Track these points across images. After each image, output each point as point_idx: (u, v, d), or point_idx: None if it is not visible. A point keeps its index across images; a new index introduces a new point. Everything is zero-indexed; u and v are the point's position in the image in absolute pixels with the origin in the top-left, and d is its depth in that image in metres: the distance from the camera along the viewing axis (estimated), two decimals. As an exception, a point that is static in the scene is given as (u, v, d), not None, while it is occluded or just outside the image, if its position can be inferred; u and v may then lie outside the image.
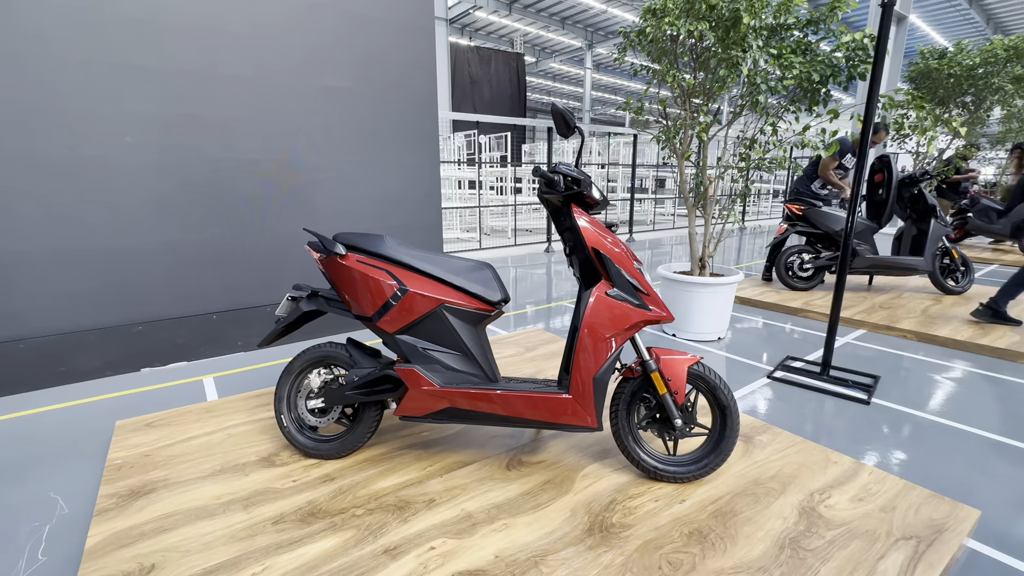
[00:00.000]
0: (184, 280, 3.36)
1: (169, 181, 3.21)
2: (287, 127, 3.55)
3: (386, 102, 3.91)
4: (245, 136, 3.41)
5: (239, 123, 3.38)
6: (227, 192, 3.41)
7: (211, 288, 3.45)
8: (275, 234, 3.62)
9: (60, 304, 3.01)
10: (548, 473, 2.02)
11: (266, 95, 3.44)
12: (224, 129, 3.33)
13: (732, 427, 1.91)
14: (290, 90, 3.51)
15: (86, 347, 3.09)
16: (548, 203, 2.00)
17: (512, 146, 10.24)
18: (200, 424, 2.43)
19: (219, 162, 3.35)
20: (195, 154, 3.26)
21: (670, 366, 1.90)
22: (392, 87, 3.92)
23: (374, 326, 1.96)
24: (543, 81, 30.48)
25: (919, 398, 2.85)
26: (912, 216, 4.98)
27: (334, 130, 3.72)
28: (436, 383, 1.89)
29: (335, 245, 2.00)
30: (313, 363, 2.12)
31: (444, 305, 1.93)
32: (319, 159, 3.69)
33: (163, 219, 3.23)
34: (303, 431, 2.13)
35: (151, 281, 3.25)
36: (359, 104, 3.79)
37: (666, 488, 1.93)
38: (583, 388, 1.82)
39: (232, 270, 3.51)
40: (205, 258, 3.40)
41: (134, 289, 3.21)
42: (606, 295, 1.85)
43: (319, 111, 3.64)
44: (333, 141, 3.73)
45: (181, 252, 3.32)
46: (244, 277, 3.56)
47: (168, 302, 3.32)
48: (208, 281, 3.44)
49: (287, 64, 3.48)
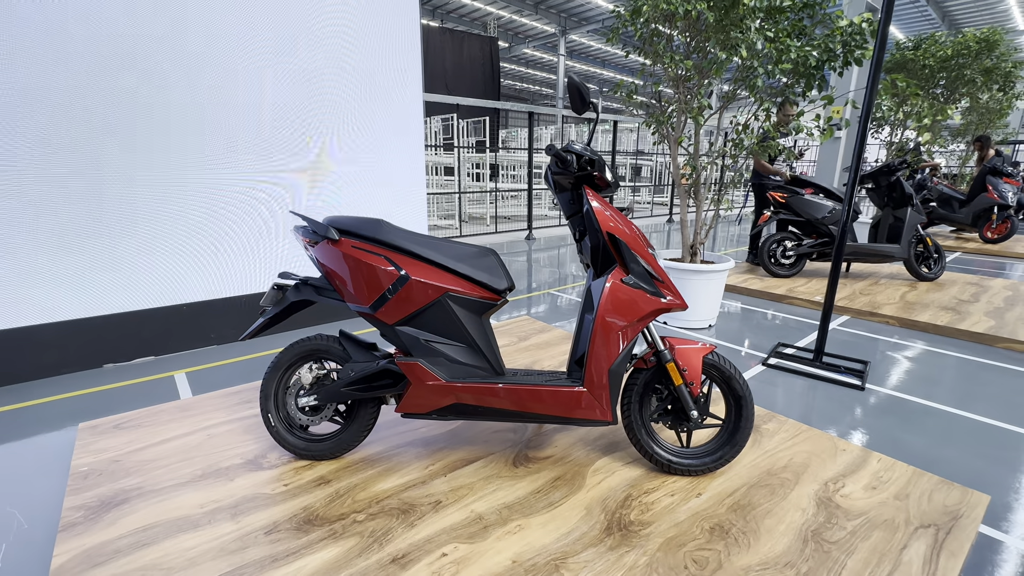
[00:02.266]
0: (151, 269, 3.10)
1: (132, 164, 2.94)
2: (261, 108, 3.30)
3: (367, 85, 3.69)
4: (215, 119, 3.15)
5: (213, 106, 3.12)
6: (194, 178, 3.15)
7: (181, 278, 3.21)
8: (251, 221, 3.39)
9: (7, 298, 2.73)
10: (557, 469, 1.93)
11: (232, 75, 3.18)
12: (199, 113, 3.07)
13: (747, 418, 1.86)
14: (261, 72, 3.27)
15: (40, 344, 2.82)
16: (557, 185, 1.89)
17: (490, 131, 10.04)
18: (176, 424, 2.23)
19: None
20: (166, 138, 3.00)
21: (685, 356, 1.82)
22: (373, 70, 3.70)
23: (372, 317, 1.82)
24: (516, 67, 30.09)
25: (909, 383, 2.89)
26: (889, 204, 5.08)
27: (312, 114, 3.49)
28: (441, 377, 1.76)
29: (327, 229, 1.83)
30: (303, 357, 1.96)
31: (448, 294, 1.80)
32: (297, 144, 3.46)
33: (122, 206, 2.96)
34: (293, 431, 1.97)
35: (113, 271, 2.99)
36: (337, 88, 3.56)
37: (680, 481, 1.86)
38: (598, 380, 1.73)
39: (202, 259, 3.27)
40: (173, 247, 3.15)
41: (92, 281, 2.94)
42: (621, 283, 1.75)
43: (294, 94, 3.40)
44: (311, 126, 3.50)
45: (147, 240, 3.06)
46: (214, 267, 3.32)
47: (130, 294, 3.07)
48: (179, 270, 3.19)
49: (259, 43, 3.23)
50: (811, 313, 4.25)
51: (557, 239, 8.14)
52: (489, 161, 9.69)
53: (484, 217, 9.58)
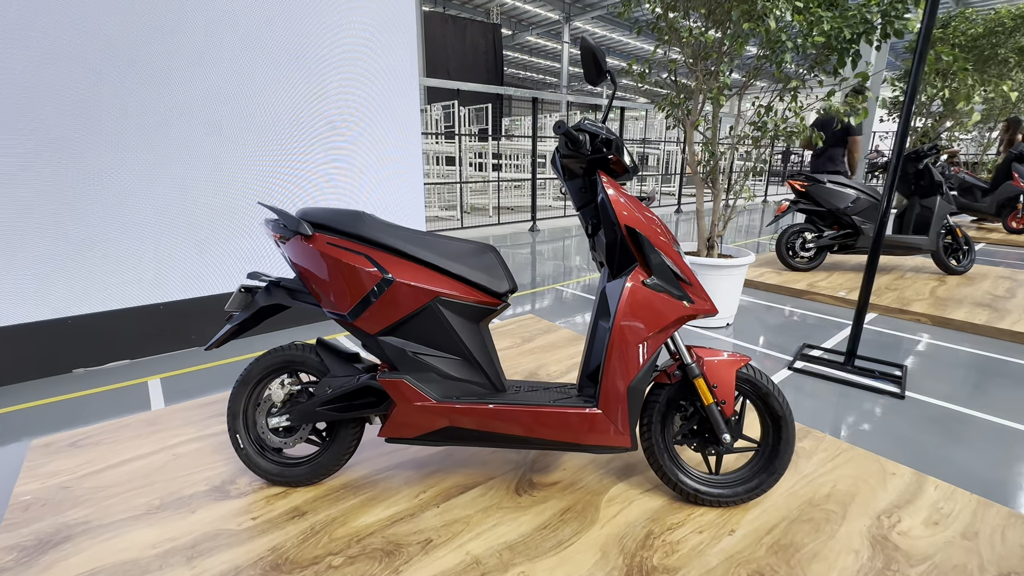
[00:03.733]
0: (125, 266, 2.86)
1: (103, 151, 2.69)
2: (239, 93, 3.03)
3: (361, 72, 3.41)
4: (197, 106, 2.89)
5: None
6: (171, 164, 2.90)
7: (159, 274, 2.96)
8: (236, 211, 3.14)
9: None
10: (566, 498, 1.69)
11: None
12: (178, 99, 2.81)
13: (788, 441, 1.60)
14: (248, 56, 2.99)
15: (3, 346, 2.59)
16: (566, 170, 1.62)
17: (492, 119, 9.73)
18: (139, 442, 2.00)
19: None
20: (140, 121, 2.74)
21: (716, 370, 1.57)
22: (368, 56, 3.42)
23: (350, 325, 1.57)
24: (519, 55, 29.57)
25: (954, 390, 2.62)
26: (916, 193, 4.77)
27: (301, 102, 3.22)
28: (431, 397, 1.51)
29: (299, 224, 1.58)
30: (274, 370, 1.71)
31: (439, 298, 1.54)
32: (285, 132, 3.20)
33: (93, 196, 2.71)
34: (265, 453, 1.73)
35: (84, 269, 2.75)
36: (328, 73, 3.29)
37: (708, 515, 1.61)
38: (615, 400, 1.48)
39: (184, 256, 3.02)
40: (147, 242, 2.91)
41: (59, 279, 2.70)
42: (642, 284, 1.49)
43: (283, 81, 3.13)
44: (299, 113, 3.23)
45: (119, 235, 2.81)
46: (199, 264, 3.08)
47: (104, 292, 2.83)
48: (156, 268, 2.95)
49: (249, 28, 2.95)
50: (834, 310, 3.97)
51: (562, 231, 7.85)
52: (492, 150, 9.38)
53: (486, 208, 9.29)
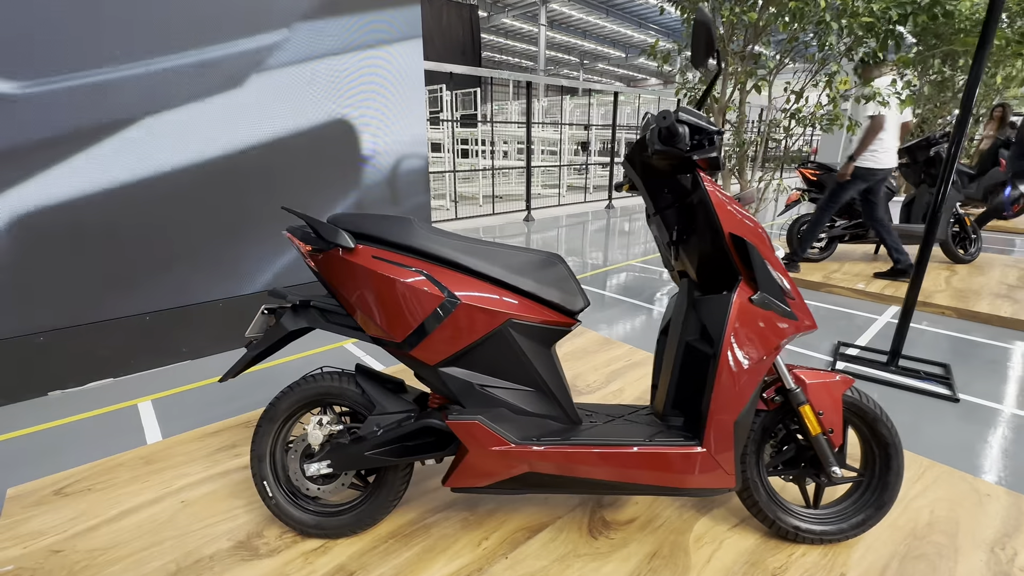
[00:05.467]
0: (105, 274, 2.52)
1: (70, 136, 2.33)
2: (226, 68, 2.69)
3: (363, 49, 3.09)
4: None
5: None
6: (155, 157, 2.56)
7: (143, 281, 2.63)
8: (229, 211, 2.81)
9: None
10: (648, 540, 1.49)
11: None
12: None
13: (897, 471, 1.44)
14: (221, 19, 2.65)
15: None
16: (647, 168, 1.40)
17: (479, 104, 9.37)
18: (138, 486, 1.72)
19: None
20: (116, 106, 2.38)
21: (820, 394, 1.38)
22: (367, 30, 3.10)
23: (406, 355, 1.32)
24: (495, 38, 28.91)
25: (1003, 391, 2.53)
26: (926, 181, 4.71)
27: (294, 81, 2.89)
28: (510, 440, 1.28)
29: (337, 234, 1.32)
30: (306, 405, 1.46)
31: (510, 321, 1.31)
32: (278, 114, 2.87)
33: (61, 190, 2.36)
34: (298, 501, 1.48)
35: (54, 278, 2.40)
36: (323, 45, 2.96)
37: (810, 555, 1.44)
38: (723, 436, 1.28)
39: (171, 260, 2.69)
40: (133, 246, 2.56)
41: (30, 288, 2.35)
42: (750, 302, 1.29)
43: (272, 54, 2.79)
44: (294, 94, 2.90)
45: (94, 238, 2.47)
46: (187, 268, 2.75)
47: (82, 303, 2.49)
48: (138, 274, 2.61)
49: None
50: (852, 303, 3.88)
51: (557, 220, 7.64)
52: (480, 136, 9.04)
53: (476, 197, 8.98)
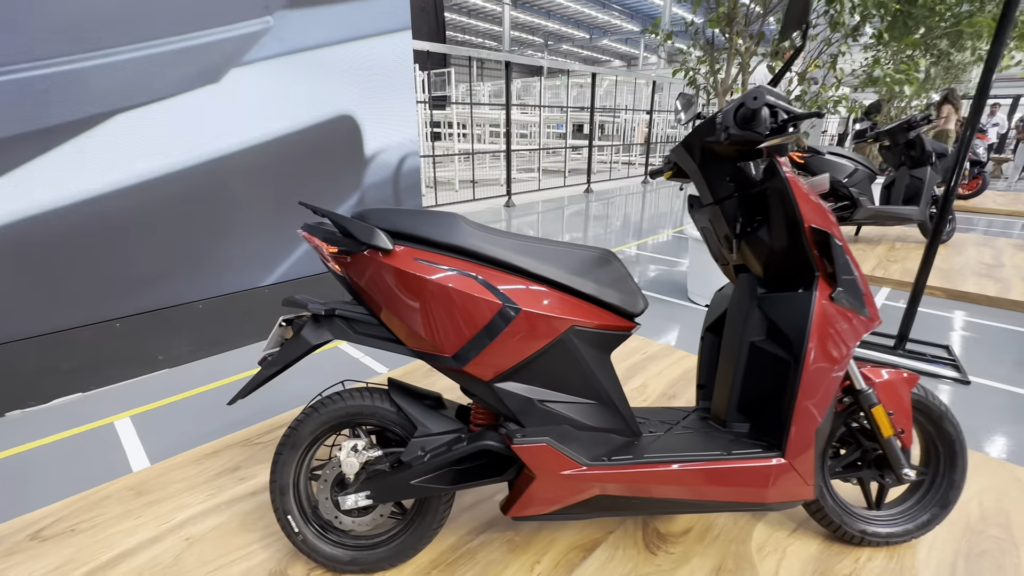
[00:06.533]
0: (67, 277, 2.23)
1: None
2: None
3: (350, 41, 2.82)
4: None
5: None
6: (119, 142, 2.26)
7: (111, 286, 2.35)
8: (206, 206, 2.53)
9: None
10: (710, 552, 1.41)
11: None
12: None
13: (963, 469, 1.39)
14: None
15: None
16: (710, 154, 1.28)
17: (453, 86, 9.03)
18: (132, 523, 1.51)
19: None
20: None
21: (889, 393, 1.32)
22: (353, 20, 2.83)
23: (455, 370, 1.17)
24: (457, 17, 28.13)
25: (1011, 373, 2.58)
26: (906, 163, 4.80)
27: (272, 74, 2.61)
28: (580, 461, 1.15)
29: (372, 233, 1.14)
30: (333, 428, 1.28)
31: (574, 328, 1.18)
32: (256, 107, 2.59)
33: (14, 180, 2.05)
34: (327, 535, 1.32)
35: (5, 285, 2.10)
36: (309, 37, 2.68)
37: (875, 559, 1.39)
38: (804, 446, 1.19)
39: (143, 259, 2.41)
40: (99, 246, 2.27)
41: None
42: (831, 301, 1.20)
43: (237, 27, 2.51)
44: (273, 88, 2.63)
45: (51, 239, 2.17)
46: (161, 268, 2.47)
47: (41, 310, 2.20)
48: (105, 276, 2.32)
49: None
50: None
51: (538, 205, 7.49)
52: (455, 119, 8.74)
53: (451, 182, 8.72)
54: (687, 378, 2.34)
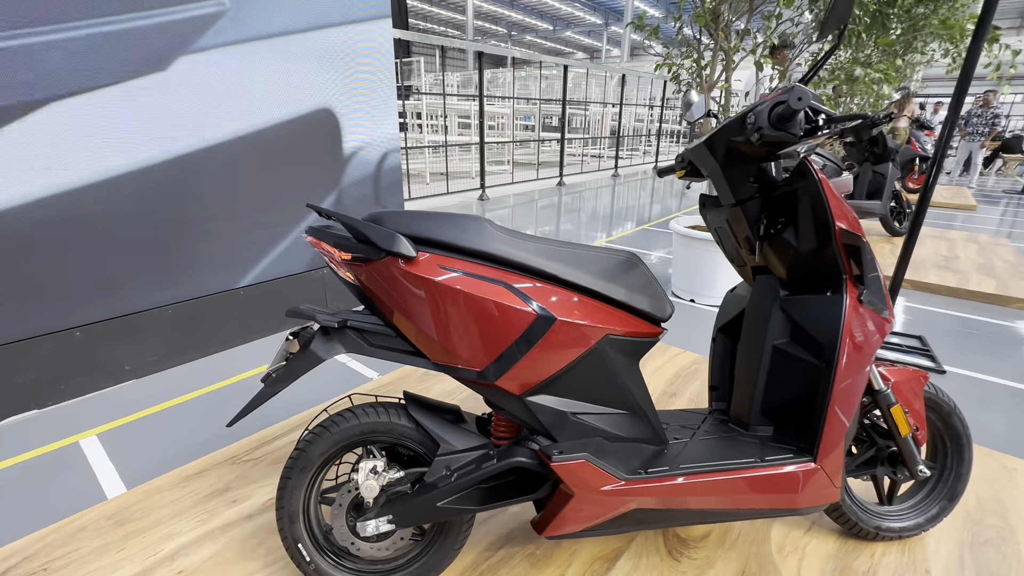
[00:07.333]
0: (16, 284, 2.01)
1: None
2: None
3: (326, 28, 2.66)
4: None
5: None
6: (77, 138, 2.05)
7: (70, 291, 2.14)
8: (170, 203, 2.34)
9: None
10: (732, 555, 1.40)
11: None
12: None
13: (969, 462, 1.44)
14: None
15: None
16: (735, 154, 1.25)
17: (422, 75, 8.81)
18: (113, 558, 1.37)
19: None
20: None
21: (904, 392, 1.34)
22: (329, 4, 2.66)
23: (485, 384, 1.10)
24: (419, 5, 27.49)
25: (982, 360, 2.71)
26: (869, 159, 5.00)
27: (239, 62, 2.43)
28: (618, 476, 1.11)
29: (393, 239, 1.05)
30: (345, 448, 1.20)
31: (607, 336, 1.13)
32: (228, 98, 2.41)
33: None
34: (341, 563, 1.23)
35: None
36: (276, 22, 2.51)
37: (889, 554, 1.42)
38: (834, 449, 1.19)
39: (104, 263, 2.21)
40: (53, 248, 2.06)
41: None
42: (859, 303, 1.19)
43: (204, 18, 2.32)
44: (235, 64, 2.45)
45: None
46: (126, 271, 2.28)
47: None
48: (62, 281, 2.12)
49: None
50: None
51: (510, 198, 7.42)
52: (424, 110, 8.52)
53: (422, 175, 8.53)
54: (685, 375, 2.34)
